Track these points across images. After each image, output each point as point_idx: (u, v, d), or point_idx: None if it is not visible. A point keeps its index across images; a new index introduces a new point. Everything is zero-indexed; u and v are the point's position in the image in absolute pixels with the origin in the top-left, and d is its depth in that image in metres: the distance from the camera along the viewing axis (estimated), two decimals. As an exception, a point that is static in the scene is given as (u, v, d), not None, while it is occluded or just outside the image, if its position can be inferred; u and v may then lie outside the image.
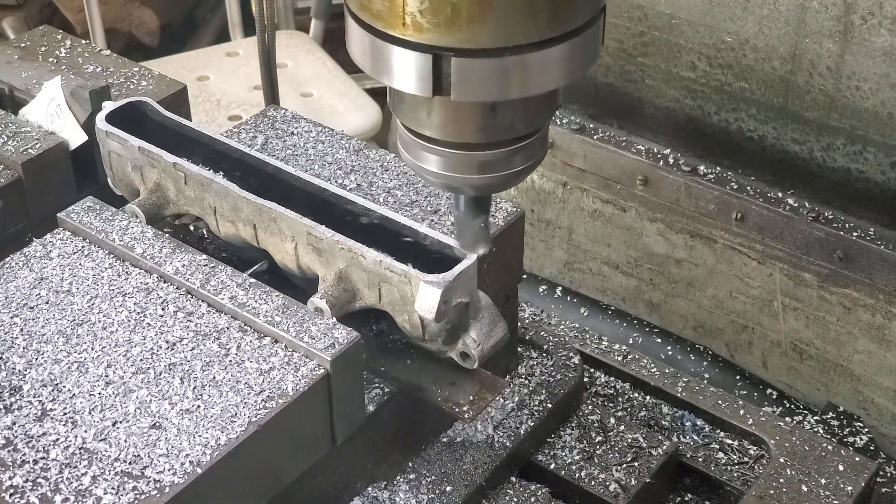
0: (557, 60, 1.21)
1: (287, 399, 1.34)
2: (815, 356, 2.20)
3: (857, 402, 2.17)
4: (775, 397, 2.23)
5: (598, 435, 1.74)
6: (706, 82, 2.18)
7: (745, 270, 2.22)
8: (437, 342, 1.46)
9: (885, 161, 2.03)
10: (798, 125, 2.11)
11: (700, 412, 1.84)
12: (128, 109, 1.66)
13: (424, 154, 1.31)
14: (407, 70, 1.20)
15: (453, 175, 1.31)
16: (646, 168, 2.27)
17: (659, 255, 2.33)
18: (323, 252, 1.47)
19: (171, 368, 1.38)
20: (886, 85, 1.97)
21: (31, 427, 1.32)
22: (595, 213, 2.39)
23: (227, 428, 1.31)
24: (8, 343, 1.43)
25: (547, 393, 1.74)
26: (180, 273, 1.49)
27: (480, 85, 1.20)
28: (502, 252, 1.63)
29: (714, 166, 2.24)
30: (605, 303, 2.44)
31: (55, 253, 1.56)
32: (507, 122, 1.28)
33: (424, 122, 1.29)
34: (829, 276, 2.11)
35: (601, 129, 2.35)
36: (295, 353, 1.40)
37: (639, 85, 2.27)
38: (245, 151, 1.61)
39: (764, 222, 2.16)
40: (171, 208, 1.61)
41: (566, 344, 1.83)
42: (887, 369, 2.11)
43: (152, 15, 4.17)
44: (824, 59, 2.02)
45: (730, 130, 2.20)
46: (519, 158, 1.32)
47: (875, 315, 2.08)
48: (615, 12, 2.23)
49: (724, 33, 2.12)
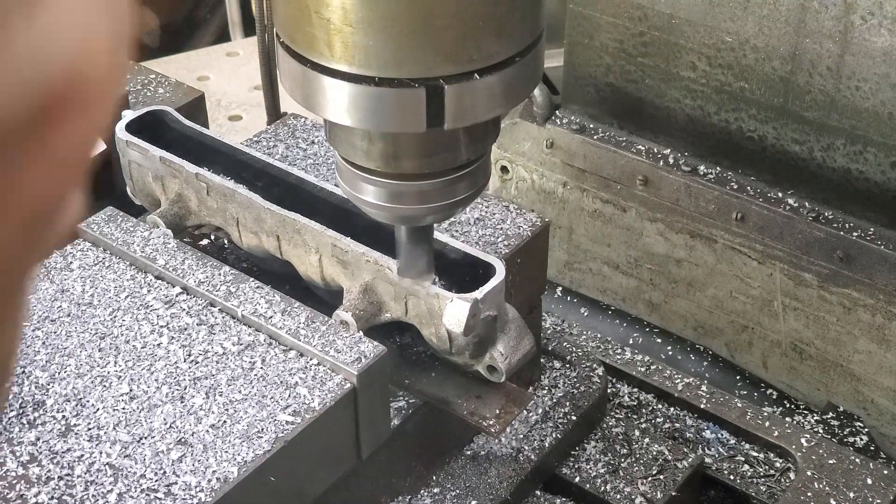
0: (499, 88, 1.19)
1: (314, 414, 1.32)
2: (815, 356, 2.20)
3: (857, 402, 2.17)
4: (775, 397, 2.24)
5: (622, 447, 1.73)
6: (706, 82, 2.18)
7: (746, 270, 2.22)
8: (464, 355, 1.44)
9: (885, 161, 2.03)
10: (798, 125, 2.11)
11: (725, 423, 1.82)
12: (147, 118, 1.64)
13: (362, 185, 1.30)
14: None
15: (390, 206, 1.30)
16: (646, 168, 2.27)
17: (659, 255, 2.33)
18: (348, 264, 1.45)
19: (196, 383, 1.36)
20: (886, 85, 1.97)
21: (56, 443, 1.30)
22: (595, 213, 2.39)
23: (253, 444, 1.29)
24: (30, 356, 1.41)
25: (571, 405, 1.72)
26: (203, 285, 1.47)
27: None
28: (527, 263, 1.62)
29: (714, 166, 2.24)
30: (605, 303, 2.44)
31: (76, 264, 1.54)
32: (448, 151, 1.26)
33: (362, 153, 1.27)
34: (829, 276, 2.11)
35: (601, 129, 2.35)
36: (321, 367, 1.38)
37: (639, 85, 2.27)
38: (267, 161, 1.59)
39: (764, 222, 2.16)
40: (192, 219, 1.59)
41: (589, 355, 1.81)
42: (887, 369, 2.11)
43: (152, 15, 4.17)
44: (824, 59, 2.02)
45: (730, 130, 2.20)
46: (462, 187, 1.30)
47: (875, 315, 2.08)
48: (615, 12, 2.23)
49: (724, 33, 2.12)
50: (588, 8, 2.26)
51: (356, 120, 1.19)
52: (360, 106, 1.18)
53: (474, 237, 1.61)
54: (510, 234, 1.62)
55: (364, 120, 1.19)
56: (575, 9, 2.28)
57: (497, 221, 1.65)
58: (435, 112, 1.17)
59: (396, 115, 1.18)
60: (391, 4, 1.11)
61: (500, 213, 1.66)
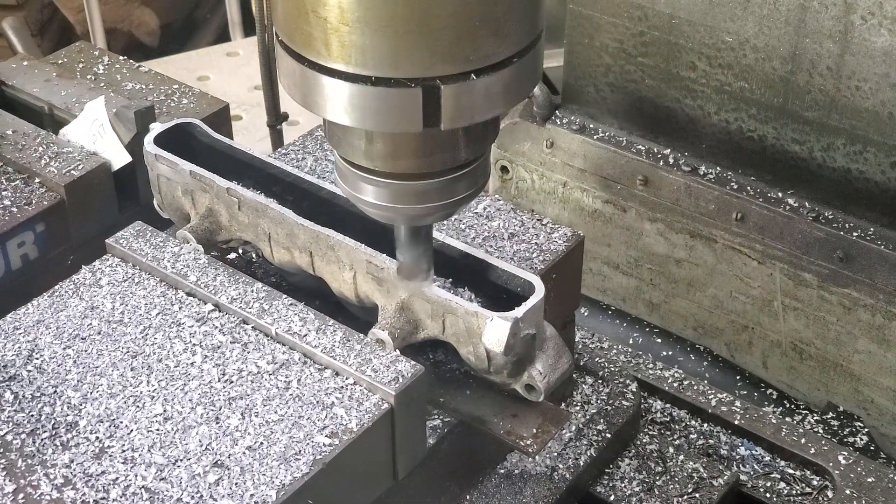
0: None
1: (351, 435, 1.30)
2: (815, 356, 2.20)
3: (857, 402, 2.17)
4: (775, 397, 2.23)
5: (657, 465, 1.71)
6: (706, 82, 2.18)
7: (746, 270, 2.22)
8: (501, 374, 1.42)
9: (885, 161, 2.03)
10: (798, 125, 2.11)
11: (760, 440, 1.79)
12: (175, 131, 1.61)
13: (361, 185, 1.30)
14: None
15: (389, 205, 1.30)
16: (646, 168, 2.27)
17: (659, 255, 2.33)
18: (383, 281, 1.42)
19: (231, 403, 1.34)
20: (886, 85, 1.97)
21: (90, 465, 1.28)
22: (595, 213, 2.39)
23: (291, 466, 1.26)
24: (62, 376, 1.38)
25: (605, 422, 1.69)
26: (236, 302, 1.45)
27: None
28: (562, 278, 1.60)
29: (714, 166, 2.24)
30: (605, 303, 2.44)
31: (105, 280, 1.51)
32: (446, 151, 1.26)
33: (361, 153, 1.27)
34: (829, 276, 2.11)
35: (601, 129, 2.35)
36: (357, 387, 1.35)
37: (639, 85, 2.27)
38: (298, 175, 1.56)
39: (764, 222, 2.16)
40: (223, 234, 1.56)
41: (622, 370, 1.78)
42: (887, 369, 2.11)
43: (152, 15, 4.17)
44: (824, 59, 2.02)
45: (730, 130, 2.19)
46: (461, 187, 1.30)
47: (875, 315, 2.08)
48: (615, 12, 2.23)
49: (724, 33, 2.12)
50: (588, 8, 2.26)
51: (353, 119, 1.19)
52: (356, 105, 1.18)
53: (509, 252, 1.59)
54: (545, 248, 1.60)
55: (360, 119, 1.19)
56: (575, 9, 2.28)
57: (531, 236, 1.63)
58: (432, 112, 1.17)
59: (393, 114, 1.17)
60: (388, 4, 1.11)
61: (533, 227, 1.64)
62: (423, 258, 1.39)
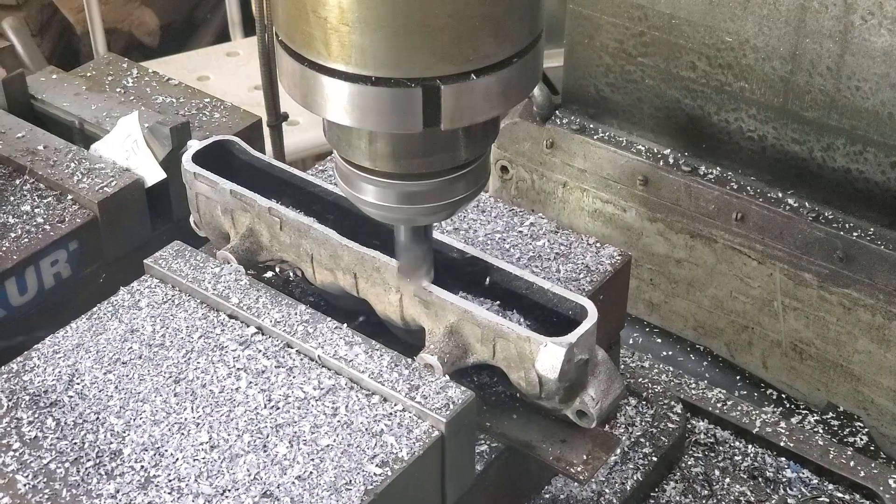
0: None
1: (402, 464, 1.27)
2: (815, 356, 2.20)
3: (857, 402, 2.17)
4: (775, 397, 2.23)
5: (703, 488, 1.68)
6: (706, 82, 2.18)
7: (745, 270, 2.22)
8: (553, 400, 1.38)
9: (885, 161, 2.03)
10: (798, 125, 2.11)
11: (806, 462, 1.76)
12: (212, 148, 1.57)
13: (361, 185, 1.29)
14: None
15: (389, 205, 1.29)
16: (646, 168, 2.27)
17: (659, 255, 2.33)
18: (431, 304, 1.39)
19: (279, 430, 1.30)
20: (886, 85, 1.97)
21: (136, 496, 1.24)
22: (595, 213, 2.39)
23: (342, 496, 1.23)
24: (104, 402, 1.35)
25: (651, 445, 1.66)
26: (280, 325, 1.41)
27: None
28: (609, 299, 1.57)
29: (714, 166, 2.24)
30: (605, 303, 2.44)
31: (144, 302, 1.47)
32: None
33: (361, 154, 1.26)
34: (829, 276, 2.11)
35: (601, 129, 2.35)
36: (407, 414, 1.32)
37: (639, 85, 2.27)
38: (340, 194, 1.49)
39: (764, 222, 2.16)
40: (264, 254, 1.52)
41: (666, 391, 1.75)
42: (887, 369, 2.11)
43: (152, 15, 4.17)
44: (824, 59, 2.02)
45: (730, 130, 2.20)
46: (460, 186, 1.30)
47: (875, 315, 2.08)
48: (615, 12, 2.23)
49: (724, 33, 2.12)
50: (588, 8, 2.26)
51: (352, 119, 1.19)
52: (356, 105, 1.18)
53: (555, 273, 1.57)
54: (592, 269, 1.58)
55: (360, 119, 1.19)
56: (575, 9, 2.28)
57: (578, 256, 1.61)
58: (431, 112, 1.17)
59: (392, 114, 1.17)
60: (388, 4, 1.11)
61: (580, 247, 1.62)
62: (423, 258, 1.39)
